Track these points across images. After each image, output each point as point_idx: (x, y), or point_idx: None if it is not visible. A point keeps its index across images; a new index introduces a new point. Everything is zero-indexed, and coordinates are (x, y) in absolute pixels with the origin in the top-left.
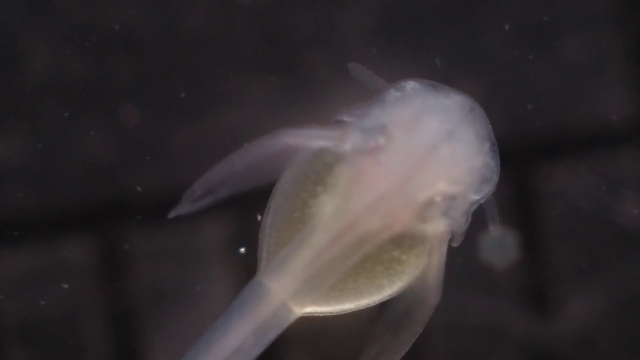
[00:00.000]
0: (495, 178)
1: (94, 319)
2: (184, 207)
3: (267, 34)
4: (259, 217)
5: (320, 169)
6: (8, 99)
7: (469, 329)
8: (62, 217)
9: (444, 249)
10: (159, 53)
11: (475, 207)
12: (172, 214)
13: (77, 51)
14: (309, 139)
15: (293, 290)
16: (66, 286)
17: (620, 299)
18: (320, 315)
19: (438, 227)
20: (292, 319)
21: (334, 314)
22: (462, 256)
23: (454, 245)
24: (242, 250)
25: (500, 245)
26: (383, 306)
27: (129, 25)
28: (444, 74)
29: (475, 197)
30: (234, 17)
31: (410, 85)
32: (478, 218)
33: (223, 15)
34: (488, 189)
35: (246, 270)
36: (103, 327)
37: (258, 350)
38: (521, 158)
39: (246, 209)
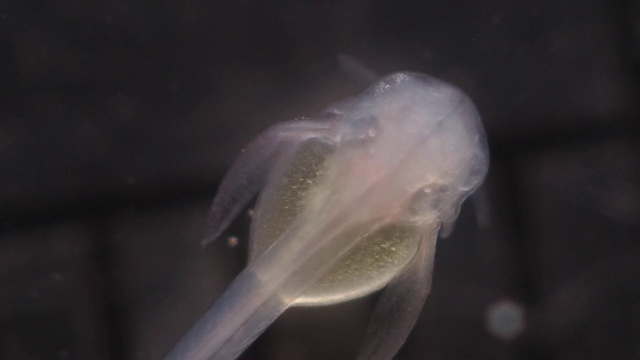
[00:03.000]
0: (485, 170)
1: (85, 310)
2: (212, 235)
3: (259, 28)
4: (249, 210)
5: (311, 162)
6: (3, 92)
7: (458, 321)
8: (54, 209)
9: (434, 240)
10: (152, 46)
11: (464, 198)
12: (204, 243)
13: (70, 44)
14: (300, 132)
15: (283, 282)
16: (58, 277)
17: (609, 291)
18: (311, 306)
19: (428, 219)
20: (282, 309)
21: (325, 305)
22: (451, 248)
23: (444, 236)
24: (233, 240)
25: (507, 319)
26: (374, 299)
27: (122, 18)
28: (433, 67)
29: (465, 188)
30: (226, 10)
31: (400, 77)
32: (467, 210)
33: (215, 9)
34: (477, 181)
35: (237, 262)
36: (95, 318)
37: (249, 341)
38: (510, 150)
39: None
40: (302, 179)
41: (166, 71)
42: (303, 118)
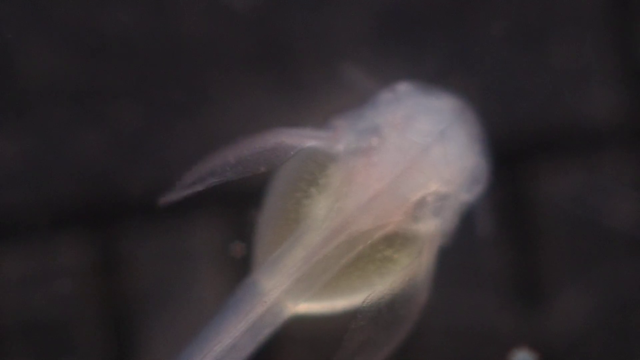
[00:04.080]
0: (486, 178)
1: (91, 318)
2: (175, 195)
3: (261, 37)
4: (253, 217)
5: (314, 170)
6: (8, 101)
7: (460, 330)
8: (59, 218)
9: (435, 248)
10: (155, 56)
11: (466, 207)
12: (163, 201)
13: (74, 54)
14: (302, 139)
15: (287, 289)
16: (64, 285)
17: (609, 299)
18: (315, 314)
19: (429, 227)
20: (286, 316)
21: (329, 314)
22: (452, 256)
23: (445, 244)
24: (238, 249)
25: None
26: (375, 304)
27: (125, 29)
28: (436, 76)
29: (467, 197)
30: (229, 20)
31: (403, 87)
32: (469, 218)
33: (217, 19)
34: (479, 189)
35: (241, 270)
36: (100, 325)
37: (253, 348)
38: (511, 159)
39: (240, 209)
40: (305, 188)
41: (170, 80)
42: (306, 127)
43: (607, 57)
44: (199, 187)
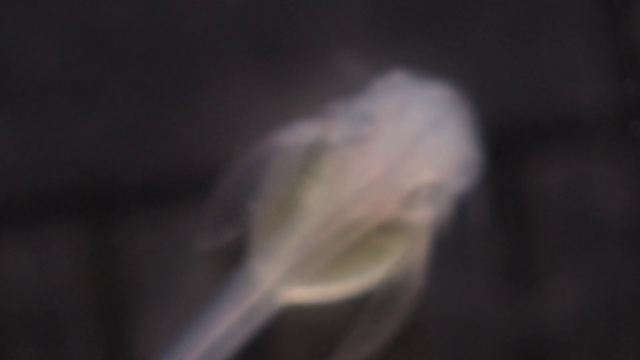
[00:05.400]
0: (479, 167)
1: (85, 308)
2: (213, 240)
3: (256, 28)
4: (248, 206)
5: (308, 159)
6: (6, 92)
7: (453, 318)
8: (54, 208)
9: (429, 236)
10: (152, 48)
11: (459, 195)
12: (202, 245)
13: (73, 46)
14: (298, 135)
15: (281, 276)
16: (58, 276)
17: (602, 288)
18: (309, 303)
19: (423, 215)
20: (280, 304)
21: (323, 303)
22: (447, 244)
23: (439, 233)
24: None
25: None
26: (369, 293)
27: (122, 21)
28: (430, 66)
29: (460, 185)
30: (224, 12)
31: (397, 76)
32: (461, 206)
33: (213, 11)
34: (472, 178)
35: (236, 259)
36: (94, 315)
37: (247, 335)
38: (505, 148)
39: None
40: (299, 176)
41: (165, 72)
42: (300, 116)
43: (597, 47)
44: (233, 229)
